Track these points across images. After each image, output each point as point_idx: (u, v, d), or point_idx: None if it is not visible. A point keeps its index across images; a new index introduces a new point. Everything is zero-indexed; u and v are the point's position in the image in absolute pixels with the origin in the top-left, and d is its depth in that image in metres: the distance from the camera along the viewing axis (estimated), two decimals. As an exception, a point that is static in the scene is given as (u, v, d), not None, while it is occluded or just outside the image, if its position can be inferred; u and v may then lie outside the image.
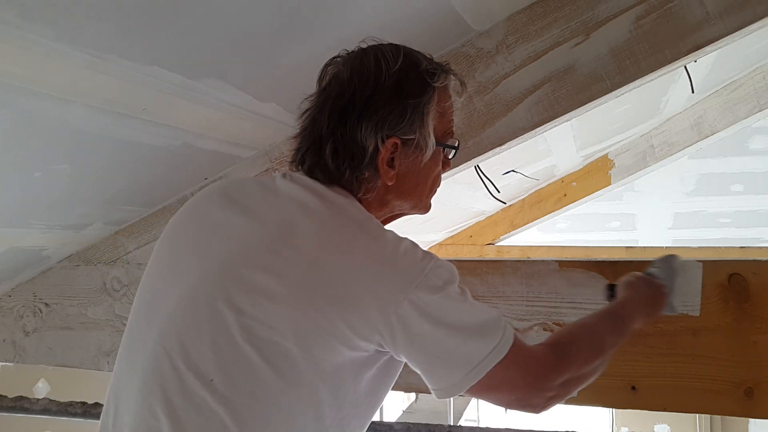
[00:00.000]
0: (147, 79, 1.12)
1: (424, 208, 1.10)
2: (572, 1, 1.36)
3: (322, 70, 1.03)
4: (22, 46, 0.92)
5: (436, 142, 1.01)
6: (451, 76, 1.04)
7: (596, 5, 1.34)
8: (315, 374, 0.84)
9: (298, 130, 1.03)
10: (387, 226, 0.97)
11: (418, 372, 0.89)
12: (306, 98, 1.03)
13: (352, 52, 1.01)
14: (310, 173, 0.99)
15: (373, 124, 0.94)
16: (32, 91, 1.03)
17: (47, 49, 0.94)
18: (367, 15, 1.21)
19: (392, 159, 0.97)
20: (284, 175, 1.00)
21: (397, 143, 0.96)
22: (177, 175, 1.60)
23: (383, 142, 0.95)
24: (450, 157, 1.09)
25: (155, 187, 1.62)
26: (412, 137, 0.97)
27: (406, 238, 0.91)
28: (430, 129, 0.99)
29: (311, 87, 1.04)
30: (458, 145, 1.08)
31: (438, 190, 1.10)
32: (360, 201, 0.99)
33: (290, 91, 1.38)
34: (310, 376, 0.84)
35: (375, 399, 0.95)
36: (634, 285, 1.18)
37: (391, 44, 1.01)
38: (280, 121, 1.50)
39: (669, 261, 1.25)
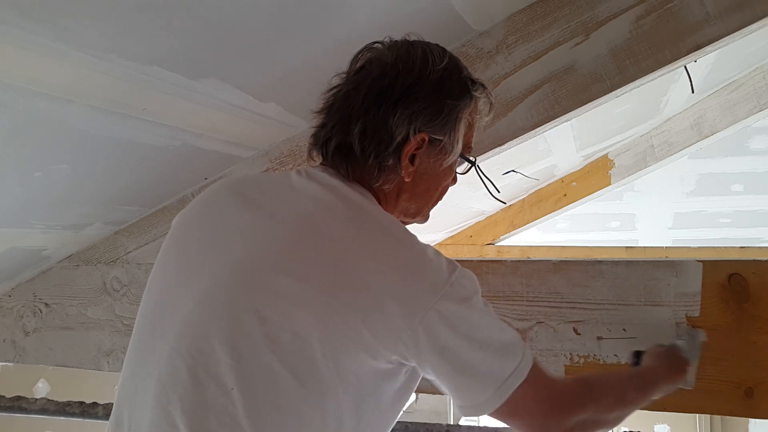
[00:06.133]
0: (147, 79, 1.12)
1: (425, 216, 1.09)
2: (572, 1, 1.36)
3: (360, 52, 1.00)
4: (22, 46, 0.92)
5: (460, 150, 1.00)
6: (486, 92, 1.03)
7: (596, 5, 1.34)
8: (337, 384, 0.81)
9: (323, 106, 1.00)
10: None
11: (443, 385, 0.87)
12: (337, 74, 1.01)
13: (397, 41, 1.00)
14: (333, 159, 0.96)
15: (408, 113, 0.92)
16: (32, 91, 1.03)
17: (47, 49, 0.94)
18: (367, 15, 1.21)
19: (414, 156, 0.96)
20: (299, 172, 0.97)
21: (425, 139, 0.94)
22: (177, 175, 1.60)
23: (415, 134, 0.93)
24: (461, 171, 1.08)
25: (155, 187, 1.62)
26: (440, 138, 0.96)
27: (429, 245, 0.89)
28: (460, 135, 0.98)
29: (311, 87, 1.03)
30: (475, 160, 1.07)
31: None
32: (377, 192, 0.97)
33: (290, 91, 1.39)
34: (332, 385, 0.81)
35: (395, 409, 0.93)
36: (660, 356, 1.18)
37: (437, 44, 1.01)
38: (280, 121, 1.50)
39: (694, 336, 1.25)
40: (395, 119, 0.92)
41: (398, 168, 0.95)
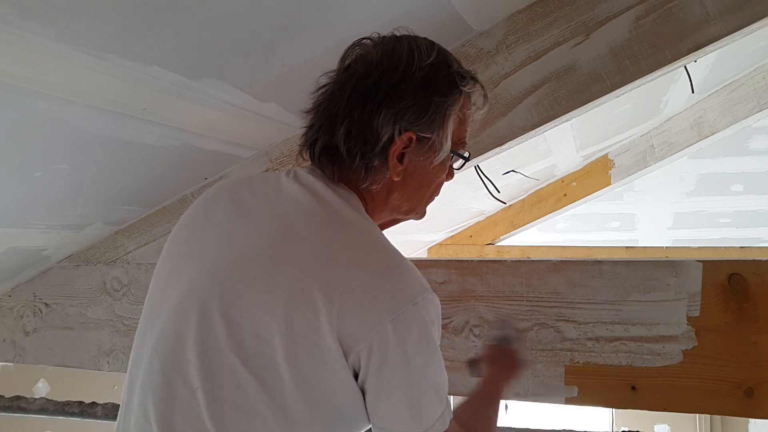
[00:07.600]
0: (147, 79, 1.12)
1: (420, 213, 1.07)
2: (572, 1, 1.36)
3: (348, 49, 0.99)
4: (22, 46, 0.92)
5: (450, 147, 0.98)
6: (478, 86, 1.00)
7: (596, 5, 1.34)
8: (302, 388, 0.81)
9: (311, 105, 0.99)
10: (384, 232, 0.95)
11: (369, 404, 0.85)
12: (324, 74, 0.99)
13: (385, 36, 0.98)
14: (320, 160, 0.96)
15: (393, 113, 0.90)
16: (32, 91, 1.03)
17: (47, 49, 0.94)
18: (367, 15, 1.21)
19: (403, 155, 0.94)
20: (288, 173, 0.97)
21: (412, 138, 0.92)
22: (177, 175, 1.60)
23: (400, 134, 0.91)
24: (457, 167, 1.06)
25: (155, 187, 1.62)
26: (428, 136, 0.93)
27: (406, 259, 0.88)
28: (449, 132, 0.96)
29: (311, 87, 1.03)
30: (469, 156, 1.05)
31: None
32: (365, 193, 0.96)
33: (290, 91, 1.39)
34: (294, 389, 0.81)
35: (361, 417, 0.91)
36: (494, 359, 1.28)
37: (425, 38, 0.98)
38: (280, 121, 1.50)
39: (505, 322, 1.38)
40: (380, 119, 0.90)
41: (385, 168, 0.93)
